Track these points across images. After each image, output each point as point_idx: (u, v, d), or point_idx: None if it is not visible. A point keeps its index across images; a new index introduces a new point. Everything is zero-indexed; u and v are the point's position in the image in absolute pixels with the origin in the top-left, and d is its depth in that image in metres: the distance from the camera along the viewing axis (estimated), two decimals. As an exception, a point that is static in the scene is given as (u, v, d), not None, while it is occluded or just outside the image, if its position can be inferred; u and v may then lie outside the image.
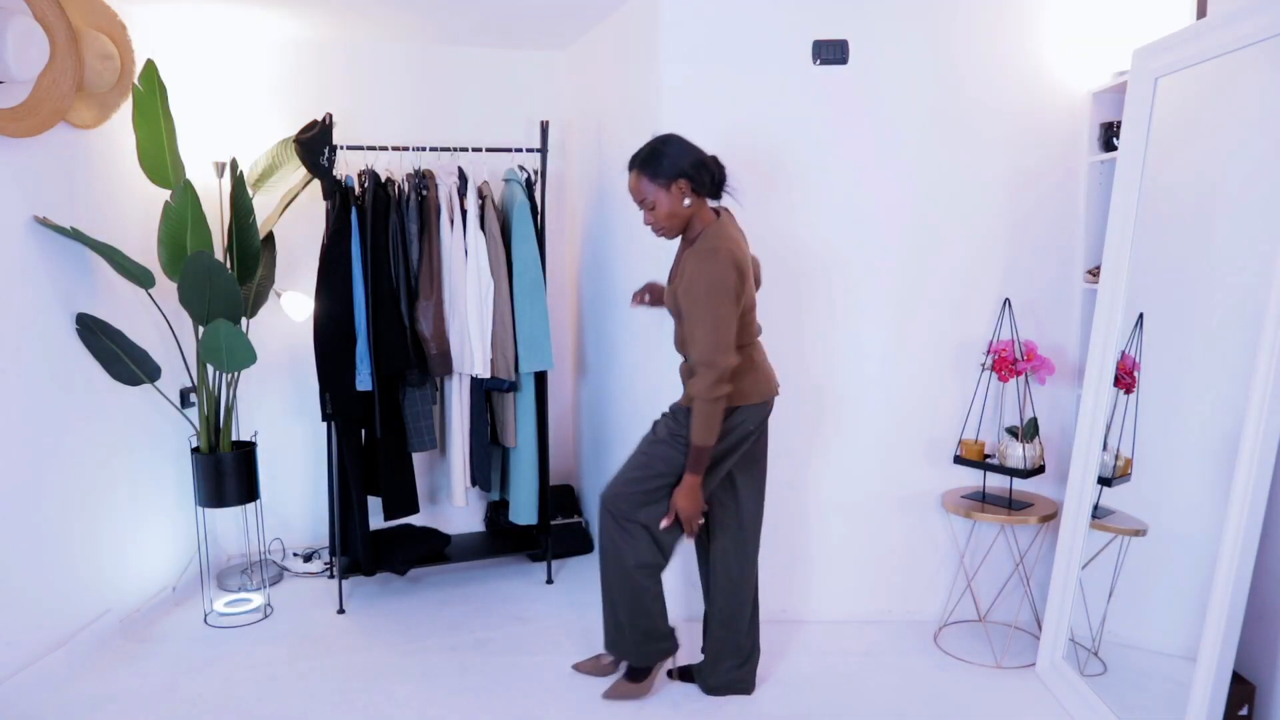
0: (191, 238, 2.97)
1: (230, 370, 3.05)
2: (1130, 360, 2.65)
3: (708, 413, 2.31)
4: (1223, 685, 2.17)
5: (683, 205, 2.40)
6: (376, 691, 2.73)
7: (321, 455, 3.77)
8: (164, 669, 2.86)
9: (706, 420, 2.32)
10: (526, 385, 3.42)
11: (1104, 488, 2.69)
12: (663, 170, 2.38)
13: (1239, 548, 2.13)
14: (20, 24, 2.45)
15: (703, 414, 2.32)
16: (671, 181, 2.38)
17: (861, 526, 3.16)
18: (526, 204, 3.31)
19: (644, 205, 2.43)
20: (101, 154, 2.99)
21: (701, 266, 2.31)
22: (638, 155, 2.43)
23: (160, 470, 3.29)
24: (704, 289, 2.30)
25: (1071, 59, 2.95)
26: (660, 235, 2.48)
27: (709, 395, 2.29)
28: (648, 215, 2.44)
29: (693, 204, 2.41)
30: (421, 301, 3.23)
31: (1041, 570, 3.08)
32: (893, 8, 2.91)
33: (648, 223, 2.46)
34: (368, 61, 3.74)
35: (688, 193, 2.39)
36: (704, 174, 2.39)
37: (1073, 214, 3.02)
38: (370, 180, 3.17)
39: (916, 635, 3.08)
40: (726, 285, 2.29)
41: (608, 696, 2.66)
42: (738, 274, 2.32)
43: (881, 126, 2.97)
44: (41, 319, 2.73)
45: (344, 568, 3.36)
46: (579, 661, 2.84)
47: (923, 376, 3.08)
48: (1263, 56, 2.27)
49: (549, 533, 3.56)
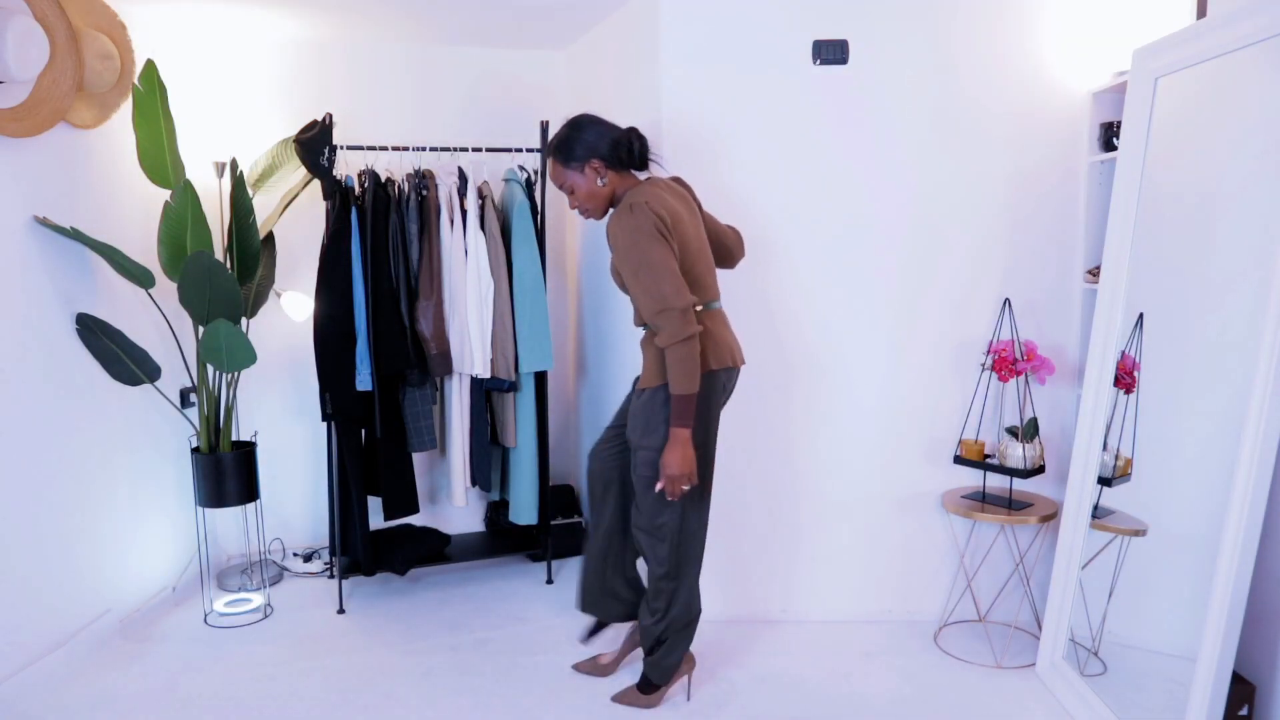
0: (191, 238, 2.97)
1: (230, 370, 3.05)
2: (1130, 360, 2.65)
3: (682, 356, 2.24)
4: (1223, 685, 2.17)
5: (598, 185, 2.42)
6: (376, 691, 2.73)
7: (321, 455, 3.77)
8: (164, 669, 2.86)
9: (683, 364, 2.24)
10: (526, 385, 3.42)
11: (1104, 488, 2.69)
12: (575, 154, 2.41)
13: (1239, 548, 2.13)
14: (20, 24, 2.45)
15: (677, 359, 2.24)
16: (584, 163, 2.40)
17: (861, 526, 3.16)
18: (526, 204, 3.31)
19: (564, 190, 2.46)
20: (101, 154, 2.99)
21: (620, 224, 2.32)
22: (550, 142, 2.47)
23: (160, 470, 3.29)
24: (628, 241, 2.28)
25: (1071, 59, 2.95)
26: (587, 217, 2.50)
27: (679, 336, 2.23)
28: (570, 200, 2.48)
29: (610, 181, 2.42)
30: (421, 302, 3.23)
31: (1041, 570, 3.08)
32: (893, 8, 2.91)
33: (573, 207, 2.49)
34: (368, 61, 3.74)
35: (602, 172, 2.41)
36: (619, 150, 2.41)
37: (1073, 214, 3.02)
38: (370, 180, 3.17)
39: (916, 635, 3.08)
40: (647, 230, 2.26)
41: (617, 700, 2.65)
42: (658, 218, 2.27)
43: (881, 126, 2.97)
44: (41, 319, 2.73)
45: (344, 568, 3.36)
46: (579, 662, 2.84)
47: (923, 376, 3.08)
48: (1263, 56, 2.27)
49: (549, 533, 3.56)
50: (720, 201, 2.85)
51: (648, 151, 2.47)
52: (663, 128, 2.95)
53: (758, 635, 3.05)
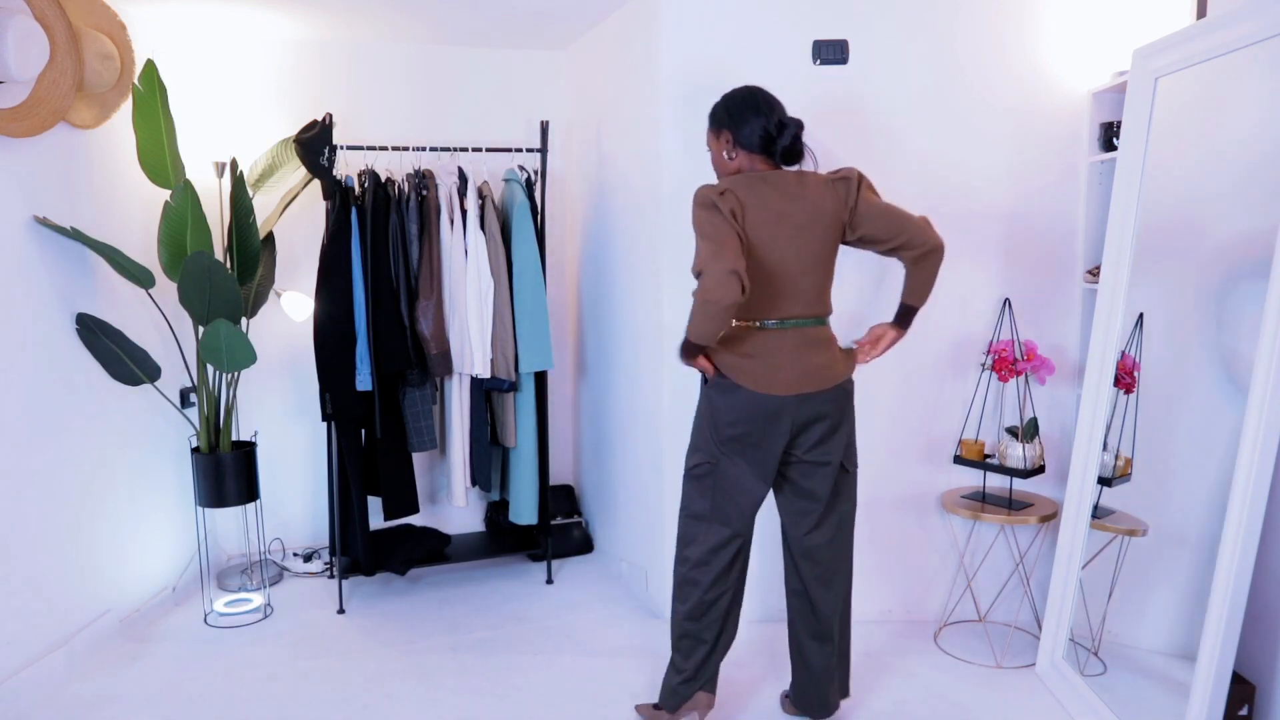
0: (191, 238, 2.97)
1: (230, 370, 3.05)
2: (1130, 360, 2.65)
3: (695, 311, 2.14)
4: (1223, 685, 2.17)
5: (724, 157, 2.35)
6: (376, 691, 2.73)
7: (321, 455, 3.78)
8: (164, 669, 2.86)
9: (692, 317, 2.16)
10: (526, 385, 3.43)
11: (1104, 488, 2.69)
12: (714, 118, 2.37)
13: (1239, 548, 2.13)
14: (20, 24, 2.45)
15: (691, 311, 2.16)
16: (718, 131, 2.35)
17: (861, 526, 3.14)
18: (526, 204, 3.31)
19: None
20: (101, 154, 2.99)
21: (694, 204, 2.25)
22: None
23: (160, 470, 3.29)
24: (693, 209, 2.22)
25: (1071, 59, 2.95)
26: None
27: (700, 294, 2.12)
28: None
29: (738, 160, 2.33)
30: (421, 301, 3.23)
31: (1041, 570, 3.08)
32: (893, 8, 2.92)
33: None
34: (368, 61, 3.74)
35: (731, 150, 2.33)
36: (754, 134, 2.30)
37: (1072, 214, 3.02)
38: (370, 180, 3.17)
39: (916, 635, 3.08)
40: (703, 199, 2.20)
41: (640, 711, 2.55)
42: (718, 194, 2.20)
43: (881, 127, 2.97)
44: (41, 319, 2.73)
45: (344, 568, 3.36)
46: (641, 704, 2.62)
47: (923, 376, 3.08)
48: (1262, 56, 2.27)
49: (549, 533, 3.56)
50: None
51: (792, 153, 2.31)
52: (662, 128, 2.95)
53: (758, 635, 3.05)
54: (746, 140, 2.30)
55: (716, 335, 2.19)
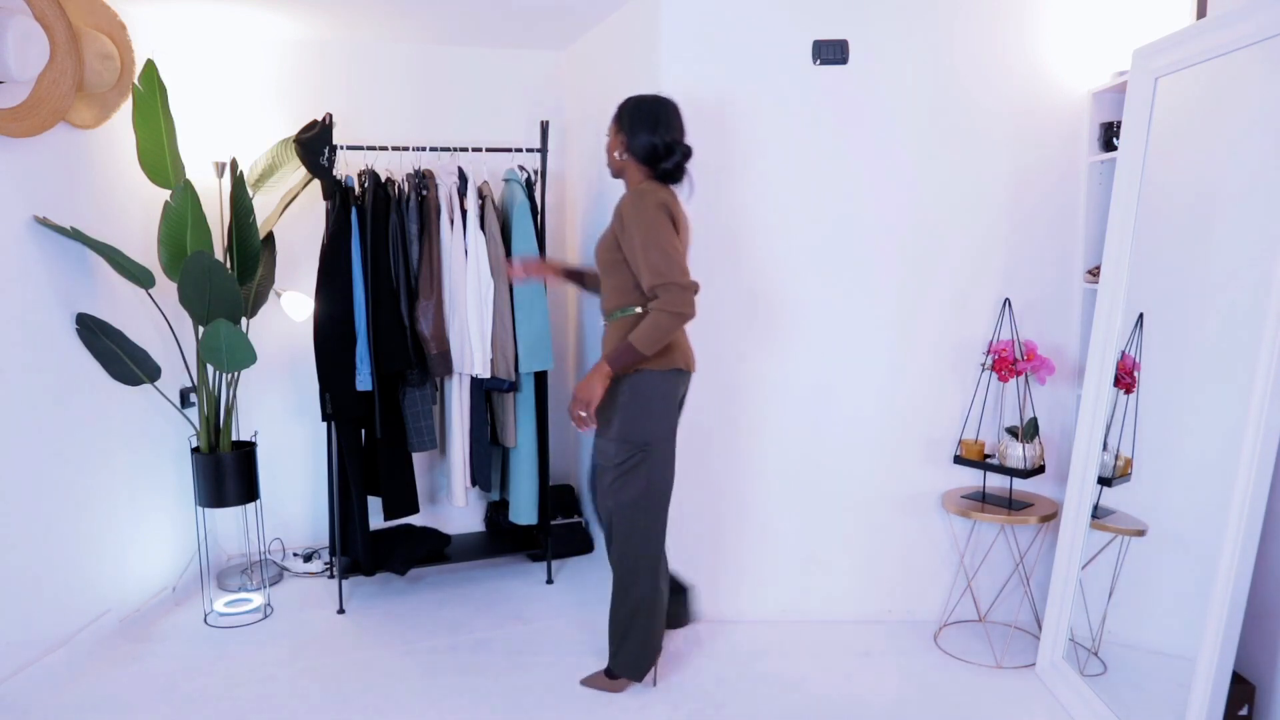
0: (191, 238, 2.97)
1: (230, 370, 3.05)
2: (1130, 360, 2.65)
3: (665, 327, 2.32)
4: (1223, 685, 2.17)
5: (616, 155, 2.52)
6: (376, 691, 2.73)
7: (321, 455, 3.78)
8: (164, 669, 2.86)
9: (658, 331, 2.32)
10: (526, 385, 3.43)
11: (1104, 488, 2.69)
12: (620, 119, 2.52)
13: (1239, 548, 2.13)
14: (20, 24, 2.45)
15: (658, 326, 2.32)
16: (617, 132, 2.52)
17: (862, 526, 3.16)
18: (526, 204, 3.31)
19: None
20: (101, 154, 2.99)
21: (631, 199, 2.41)
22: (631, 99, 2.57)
23: (160, 470, 3.29)
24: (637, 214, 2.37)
25: (1071, 59, 2.95)
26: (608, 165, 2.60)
27: (676, 309, 2.30)
28: None
29: (629, 165, 2.51)
30: (421, 301, 3.23)
31: (1041, 570, 3.08)
32: (893, 8, 2.91)
33: None
34: (368, 61, 3.74)
35: (623, 152, 2.50)
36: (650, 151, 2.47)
37: (1073, 214, 3.02)
38: (370, 180, 3.17)
39: (916, 635, 3.08)
40: (657, 204, 2.38)
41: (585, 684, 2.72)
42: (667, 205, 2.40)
43: (881, 126, 2.97)
44: (41, 319, 2.73)
45: (344, 568, 3.36)
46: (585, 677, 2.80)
47: (923, 376, 3.08)
48: (1263, 56, 2.27)
49: (549, 533, 3.56)
50: (720, 202, 2.85)
51: (672, 174, 2.50)
52: (663, 128, 2.95)
53: (758, 635, 3.05)
54: (634, 149, 2.48)
55: None
